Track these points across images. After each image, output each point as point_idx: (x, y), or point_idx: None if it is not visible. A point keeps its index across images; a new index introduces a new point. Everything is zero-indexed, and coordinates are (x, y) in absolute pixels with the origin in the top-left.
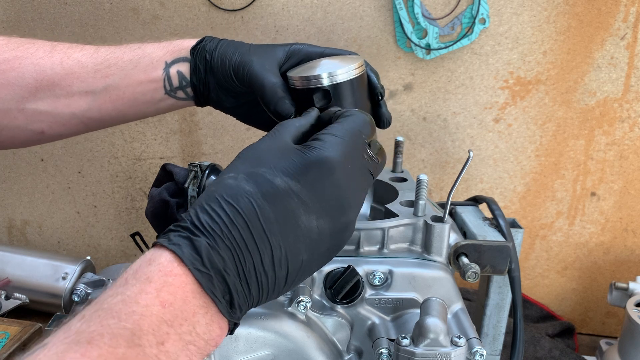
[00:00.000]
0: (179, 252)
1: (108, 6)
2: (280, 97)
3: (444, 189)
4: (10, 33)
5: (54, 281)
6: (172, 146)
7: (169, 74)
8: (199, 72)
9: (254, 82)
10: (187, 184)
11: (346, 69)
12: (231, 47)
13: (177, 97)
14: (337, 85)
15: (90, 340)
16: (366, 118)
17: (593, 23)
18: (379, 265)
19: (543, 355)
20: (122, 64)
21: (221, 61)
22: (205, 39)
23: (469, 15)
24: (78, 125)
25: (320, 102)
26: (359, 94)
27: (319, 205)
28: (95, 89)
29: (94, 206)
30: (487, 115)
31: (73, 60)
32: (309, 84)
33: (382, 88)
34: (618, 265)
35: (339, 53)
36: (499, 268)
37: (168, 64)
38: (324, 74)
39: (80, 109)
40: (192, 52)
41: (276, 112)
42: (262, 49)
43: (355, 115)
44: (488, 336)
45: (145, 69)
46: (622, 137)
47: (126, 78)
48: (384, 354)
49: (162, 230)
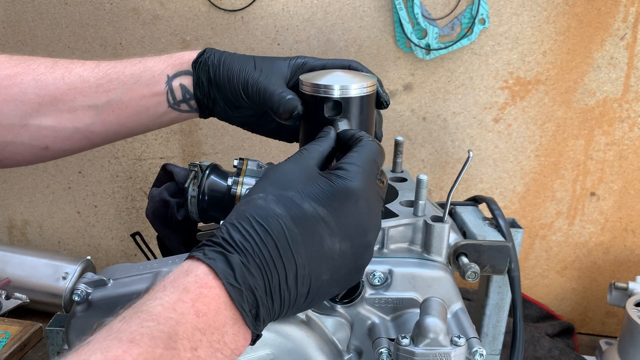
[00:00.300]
0: (214, 266)
1: (108, 6)
2: (288, 98)
3: (444, 189)
4: (10, 33)
5: (55, 281)
6: (173, 146)
7: (171, 88)
8: (202, 85)
9: (263, 96)
10: (187, 184)
11: (359, 85)
12: (235, 63)
13: (180, 109)
14: (348, 100)
15: (132, 339)
16: (379, 148)
17: (593, 23)
18: (379, 265)
19: (543, 355)
20: (124, 78)
21: (228, 79)
22: (205, 52)
23: (469, 15)
24: (82, 140)
25: (330, 112)
26: (367, 112)
27: (342, 230)
28: (98, 104)
29: (94, 206)
30: (487, 115)
31: (75, 75)
32: (318, 91)
33: (387, 97)
34: (618, 265)
35: (341, 64)
36: (498, 268)
37: (170, 77)
38: (336, 86)
39: (83, 123)
40: (193, 66)
41: (284, 111)
42: (267, 64)
43: (371, 144)
44: (488, 336)
45: (147, 82)
46: (621, 137)
47: (129, 92)
48: (383, 354)
49: (162, 230)
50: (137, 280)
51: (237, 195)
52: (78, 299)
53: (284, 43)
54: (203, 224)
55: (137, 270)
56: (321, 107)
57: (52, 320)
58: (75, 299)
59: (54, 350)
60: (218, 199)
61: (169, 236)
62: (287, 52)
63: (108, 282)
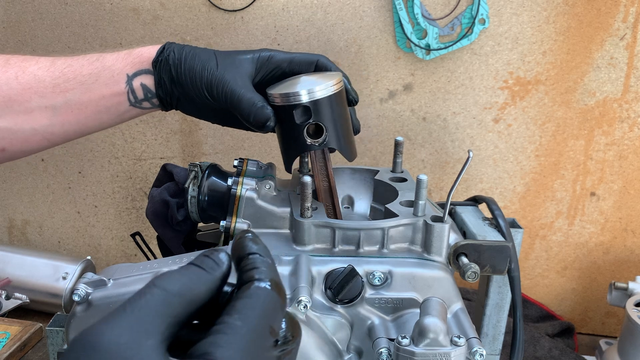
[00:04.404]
0: None
1: (108, 6)
2: (259, 107)
3: (444, 189)
4: (10, 33)
5: (55, 281)
6: (173, 146)
7: (132, 87)
8: (164, 84)
9: (230, 100)
10: (187, 184)
11: (324, 86)
12: (197, 60)
13: (142, 107)
14: (317, 102)
15: None
16: (275, 297)
17: (593, 23)
18: (379, 265)
19: (543, 355)
20: (82, 78)
21: (190, 79)
22: (165, 49)
23: (469, 15)
24: (41, 141)
25: (301, 119)
26: (339, 109)
27: None
28: (55, 104)
29: (94, 206)
30: (486, 116)
31: (29, 74)
32: (288, 100)
33: (355, 94)
34: (618, 265)
35: (308, 59)
36: (498, 268)
37: (130, 76)
38: (302, 91)
39: (41, 124)
40: (154, 65)
41: (256, 122)
42: (230, 61)
43: (263, 295)
44: (488, 336)
45: (106, 82)
46: (621, 137)
47: (87, 92)
48: (383, 354)
49: (162, 230)
50: (137, 280)
51: (237, 195)
52: (78, 299)
53: (284, 43)
54: (203, 224)
55: (137, 270)
56: (292, 115)
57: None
58: (75, 299)
59: (54, 350)
60: (218, 199)
61: (169, 236)
62: None
63: (108, 282)
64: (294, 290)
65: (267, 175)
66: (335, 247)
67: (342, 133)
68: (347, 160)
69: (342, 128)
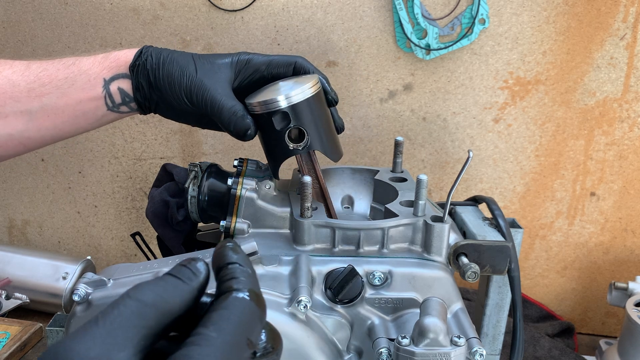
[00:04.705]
0: None
1: (108, 6)
2: (238, 117)
3: (444, 189)
4: (10, 33)
5: (55, 281)
6: (173, 146)
7: (109, 92)
8: (143, 89)
9: (211, 108)
10: (187, 184)
11: (301, 89)
12: (175, 65)
13: (120, 111)
14: (295, 106)
15: None
16: (254, 308)
17: (593, 23)
18: (379, 265)
19: (543, 355)
20: (58, 82)
21: (169, 84)
22: (142, 53)
23: (469, 15)
24: (17, 147)
25: (281, 124)
26: (318, 111)
27: None
28: (31, 109)
29: (94, 206)
30: (486, 116)
31: (3, 78)
32: (267, 107)
33: (335, 95)
34: (617, 265)
35: (286, 61)
36: (498, 268)
37: (107, 80)
38: (280, 97)
39: (16, 129)
40: (131, 70)
41: (236, 131)
42: (209, 66)
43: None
44: (488, 336)
45: (83, 87)
46: (621, 137)
47: (64, 97)
48: (383, 354)
49: (162, 230)
50: (137, 280)
51: (237, 195)
52: (78, 299)
53: (284, 43)
54: (203, 224)
55: (137, 270)
56: (271, 122)
57: (52, 320)
58: (75, 299)
59: None
60: (218, 199)
61: (169, 236)
62: (287, 52)
63: (108, 282)
64: (294, 290)
65: (267, 175)
66: (335, 247)
67: (325, 134)
68: (333, 161)
69: (323, 129)
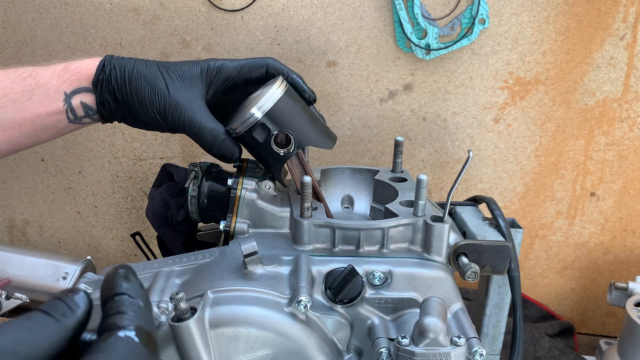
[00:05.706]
0: None
1: (108, 6)
2: (221, 141)
3: (444, 189)
4: (10, 33)
5: (55, 281)
6: (173, 146)
7: (71, 106)
8: (108, 104)
9: (189, 129)
10: (187, 184)
11: (269, 94)
12: (144, 82)
13: (82, 123)
14: (270, 112)
15: None
16: (141, 349)
17: (592, 23)
18: (379, 265)
19: (543, 355)
20: (14, 96)
21: (139, 102)
22: (105, 66)
23: (469, 15)
24: None
25: (263, 135)
26: (293, 107)
27: None
28: None
29: (94, 206)
30: (486, 116)
31: None
32: (246, 124)
33: (312, 93)
34: (617, 265)
35: (257, 64)
36: (498, 268)
37: (68, 94)
38: (253, 109)
39: None
40: (95, 86)
41: (221, 155)
42: (179, 82)
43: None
44: (488, 336)
45: (42, 101)
46: (621, 137)
47: (21, 111)
48: (383, 354)
49: (162, 230)
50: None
51: (237, 195)
52: None
53: (284, 43)
54: (203, 224)
55: (137, 270)
56: (252, 137)
57: None
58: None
59: None
60: (218, 200)
61: (169, 236)
62: (287, 52)
63: None
64: (294, 290)
65: (266, 175)
66: (335, 247)
67: (309, 127)
68: (328, 149)
69: (306, 123)
